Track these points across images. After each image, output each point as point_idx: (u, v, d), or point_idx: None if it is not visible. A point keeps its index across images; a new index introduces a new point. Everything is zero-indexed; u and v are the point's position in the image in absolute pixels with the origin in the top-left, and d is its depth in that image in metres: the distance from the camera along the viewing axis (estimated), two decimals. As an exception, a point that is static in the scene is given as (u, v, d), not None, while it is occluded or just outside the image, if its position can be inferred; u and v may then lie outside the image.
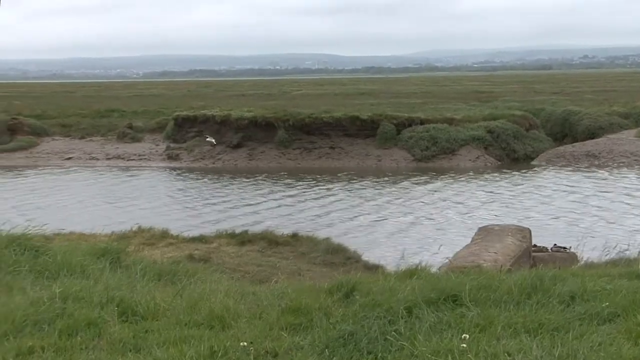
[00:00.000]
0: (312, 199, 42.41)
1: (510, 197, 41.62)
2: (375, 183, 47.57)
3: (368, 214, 37.16)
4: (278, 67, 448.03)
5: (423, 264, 11.74)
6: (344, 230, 32.68)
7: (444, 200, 40.86)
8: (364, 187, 46.23)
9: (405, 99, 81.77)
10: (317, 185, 46.99)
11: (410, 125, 58.36)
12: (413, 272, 10.44)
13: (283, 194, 44.22)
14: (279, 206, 40.11)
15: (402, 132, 57.82)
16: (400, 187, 45.90)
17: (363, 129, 58.31)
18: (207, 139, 57.93)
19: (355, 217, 36.40)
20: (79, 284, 8.65)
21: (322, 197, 43.01)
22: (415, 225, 33.98)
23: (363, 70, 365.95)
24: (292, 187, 46.53)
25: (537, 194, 42.60)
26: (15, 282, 8.95)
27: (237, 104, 71.34)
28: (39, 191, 46.36)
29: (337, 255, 23.99)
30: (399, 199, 41.77)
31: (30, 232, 11.12)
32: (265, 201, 41.76)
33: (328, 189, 45.52)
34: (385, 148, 57.31)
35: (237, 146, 58.90)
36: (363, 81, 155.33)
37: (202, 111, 64.16)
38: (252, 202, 41.31)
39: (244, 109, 63.73)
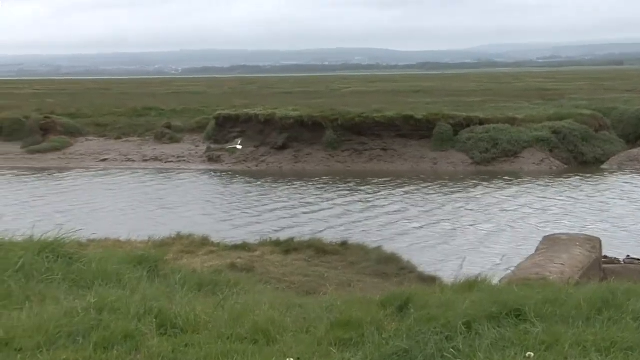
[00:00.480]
0: (363, 204, 42.36)
1: (579, 204, 41.22)
2: (431, 188, 47.39)
3: (424, 221, 37.05)
4: (326, 63, 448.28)
5: (483, 275, 11.64)
6: (398, 238, 32.63)
7: (506, 207, 40.60)
8: (418, 191, 46.09)
9: (463, 97, 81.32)
10: (369, 190, 46.93)
11: (468, 126, 58.09)
12: (472, 284, 10.36)
13: (333, 199, 44.23)
14: (329, 212, 40.12)
15: (459, 133, 57.56)
16: (459, 192, 45.70)
17: (417, 130, 58.14)
18: (230, 146, 58.49)
19: (411, 224, 36.31)
20: (115, 294, 8.70)
21: (372, 202, 42.94)
22: (475, 233, 33.81)
23: (418, 66, 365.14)
24: (343, 191, 46.53)
25: (607, 200, 42.15)
26: (48, 291, 9.04)
27: (282, 103, 71.54)
28: (73, 194, 46.93)
29: (390, 266, 23.91)
30: (457, 204, 41.58)
31: (63, 238, 11.23)
32: (313, 207, 41.80)
33: (378, 193, 45.45)
34: (441, 150, 57.09)
35: (282, 147, 59.06)
36: (418, 78, 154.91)
37: (245, 110, 64.47)
38: (298, 208, 41.37)
39: (289, 107, 63.89)
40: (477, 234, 33.87)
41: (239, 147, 58.79)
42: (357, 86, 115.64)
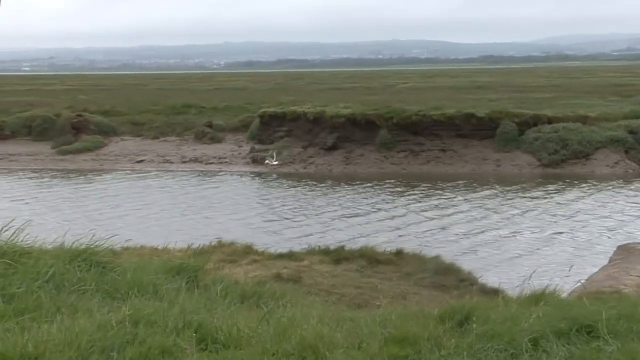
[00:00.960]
0: (423, 210, 42.20)
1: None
2: (496, 192, 47.15)
3: (490, 229, 36.88)
4: (380, 57, 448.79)
5: (551, 288, 11.57)
6: (460, 247, 32.54)
7: (578, 214, 40.29)
8: (485, 196, 45.89)
9: (529, 94, 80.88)
10: (429, 194, 46.77)
11: (535, 125, 57.69)
12: (539, 298, 10.31)
13: (388, 204, 44.14)
14: (384, 218, 40.04)
15: (525, 133, 57.19)
16: (526, 198, 45.41)
17: (479, 129, 57.89)
18: (266, 162, 58.67)
19: (474, 232, 36.16)
20: (152, 306, 8.75)
21: (435, 208, 42.78)
22: (543, 243, 33.57)
23: (480, 59, 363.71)
24: (399, 196, 46.40)
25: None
26: (80, 302, 9.11)
27: (332, 99, 71.61)
28: (107, 198, 47.34)
29: (449, 277, 23.81)
30: (524, 211, 41.33)
31: (96, 245, 11.31)
32: (366, 212, 41.75)
33: (441, 199, 45.30)
34: (505, 151, 56.77)
35: (332, 148, 59.08)
36: (480, 72, 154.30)
37: (292, 107, 64.58)
38: (350, 214, 41.35)
39: (340, 105, 63.93)
40: (544, 242, 33.64)
41: (275, 162, 58.76)
42: (414, 81, 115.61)
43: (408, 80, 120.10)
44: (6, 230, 10.48)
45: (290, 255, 25.30)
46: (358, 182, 51.40)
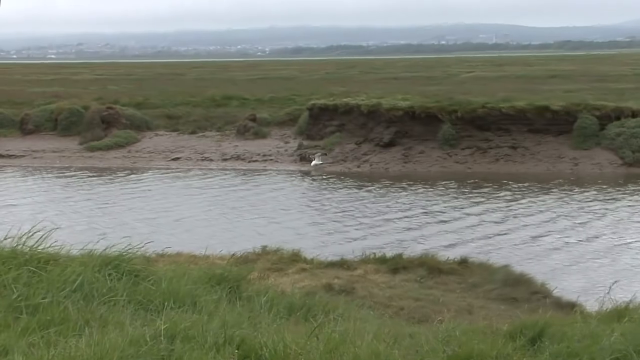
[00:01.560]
0: (499, 216, 41.96)
1: None
2: (574, 195, 46.79)
3: (568, 236, 36.62)
4: (443, 42, 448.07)
5: (636, 302, 11.49)
6: (532, 256, 32.36)
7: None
8: (558, 199, 45.61)
9: (612, 84, 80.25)
10: (502, 197, 46.49)
11: (618, 119, 57.22)
12: (622, 313, 10.25)
13: (455, 207, 43.98)
14: (449, 223, 39.89)
15: (607, 128, 56.74)
16: (609, 201, 45.02)
17: (554, 124, 57.53)
18: (313, 162, 58.55)
19: (550, 240, 35.89)
20: (189, 319, 8.79)
21: (513, 213, 42.49)
22: (627, 251, 33.29)
23: (556, 45, 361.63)
24: (467, 199, 46.20)
25: None
26: (111, 314, 9.17)
27: (389, 90, 71.57)
28: (141, 200, 47.57)
29: (519, 289, 23.70)
30: (610, 216, 41.02)
31: (128, 252, 11.39)
32: (428, 216, 41.65)
33: (518, 202, 45.04)
34: (584, 148, 56.36)
35: (389, 145, 58.99)
36: (556, 60, 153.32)
37: (344, 99, 64.54)
38: (410, 219, 41.25)
39: (397, 96, 63.83)
40: (629, 252, 33.34)
41: (319, 163, 58.70)
42: (480, 70, 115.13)
43: (474, 68, 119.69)
44: (31, 235, 10.58)
45: (343, 264, 25.31)
46: (419, 183, 51.20)
